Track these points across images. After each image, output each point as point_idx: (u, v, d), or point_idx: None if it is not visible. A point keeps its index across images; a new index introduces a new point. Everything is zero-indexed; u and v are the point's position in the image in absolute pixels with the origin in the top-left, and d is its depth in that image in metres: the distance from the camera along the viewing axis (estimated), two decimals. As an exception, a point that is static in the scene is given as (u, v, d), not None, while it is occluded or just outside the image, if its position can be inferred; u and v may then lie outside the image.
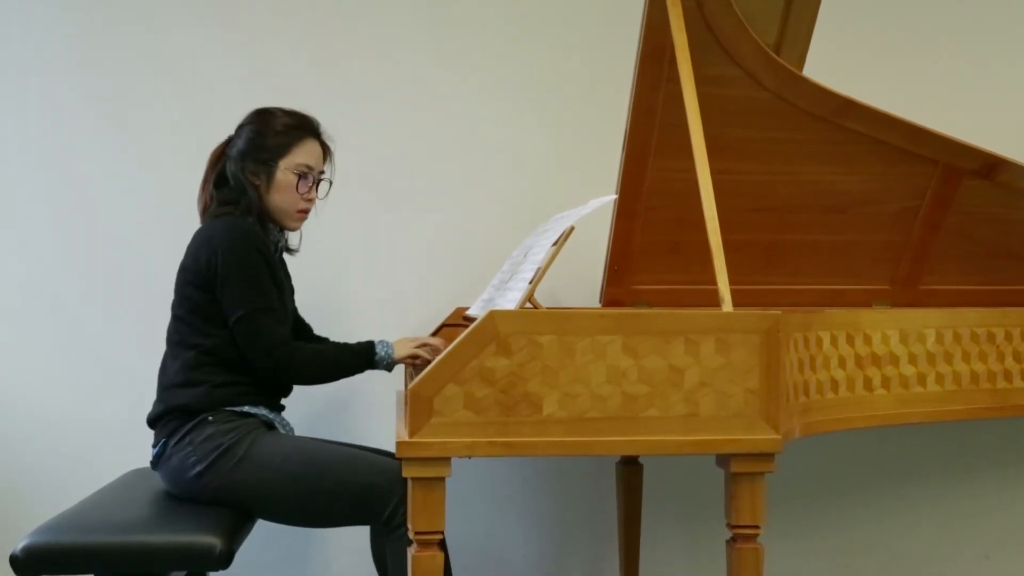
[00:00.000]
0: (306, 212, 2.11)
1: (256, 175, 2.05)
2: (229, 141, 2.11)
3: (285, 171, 2.06)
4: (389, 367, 2.08)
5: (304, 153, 2.07)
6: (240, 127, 2.11)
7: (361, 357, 2.05)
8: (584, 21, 2.77)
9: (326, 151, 2.13)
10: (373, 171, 2.72)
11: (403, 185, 2.74)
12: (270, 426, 2.02)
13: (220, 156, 2.10)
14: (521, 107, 2.76)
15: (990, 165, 2.33)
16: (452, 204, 2.75)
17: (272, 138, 2.05)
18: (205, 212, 2.09)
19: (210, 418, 1.95)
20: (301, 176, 2.06)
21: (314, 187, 2.10)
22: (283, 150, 2.06)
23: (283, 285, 2.07)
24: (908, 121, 2.26)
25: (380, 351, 2.06)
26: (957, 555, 2.88)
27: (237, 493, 1.91)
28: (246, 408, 1.99)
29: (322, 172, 2.13)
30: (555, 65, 2.76)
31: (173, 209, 2.42)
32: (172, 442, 1.96)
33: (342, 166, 2.21)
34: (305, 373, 2.01)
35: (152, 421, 2.02)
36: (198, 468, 1.91)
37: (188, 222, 2.10)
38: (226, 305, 1.96)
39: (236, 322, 1.95)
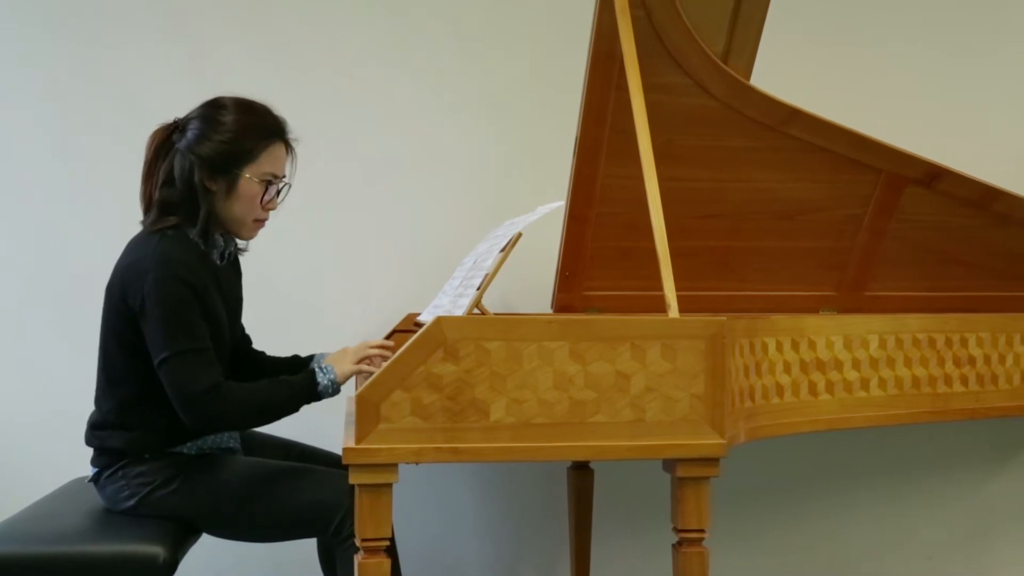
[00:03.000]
0: (263, 222, 1.93)
1: (214, 180, 1.83)
2: (175, 128, 1.87)
3: (250, 180, 1.84)
4: (334, 394, 1.87)
5: (271, 160, 1.86)
6: (192, 119, 1.86)
7: (302, 392, 1.83)
8: (536, 28, 2.78)
9: (290, 152, 1.92)
10: (325, 178, 2.70)
11: (355, 192, 2.73)
12: (210, 456, 1.92)
13: (164, 144, 1.87)
14: (473, 112, 2.76)
15: (931, 174, 2.39)
16: (405, 210, 2.74)
17: (236, 143, 1.82)
18: (148, 210, 1.88)
19: (147, 455, 1.86)
20: (267, 185, 1.87)
21: (276, 196, 1.91)
22: (249, 157, 1.83)
23: (219, 315, 1.87)
24: (852, 130, 2.30)
25: (322, 379, 1.84)
26: (900, 556, 2.93)
27: (176, 517, 1.86)
28: (185, 448, 1.90)
29: (284, 177, 1.92)
30: (507, 71, 2.77)
31: (118, 215, 2.37)
32: (106, 474, 1.89)
33: (297, 174, 2.16)
34: (238, 419, 1.83)
35: (87, 444, 1.93)
36: (130, 503, 1.86)
37: (130, 226, 1.99)
38: (150, 346, 1.77)
39: (159, 366, 1.76)
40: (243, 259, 2.15)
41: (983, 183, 2.38)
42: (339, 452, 2.12)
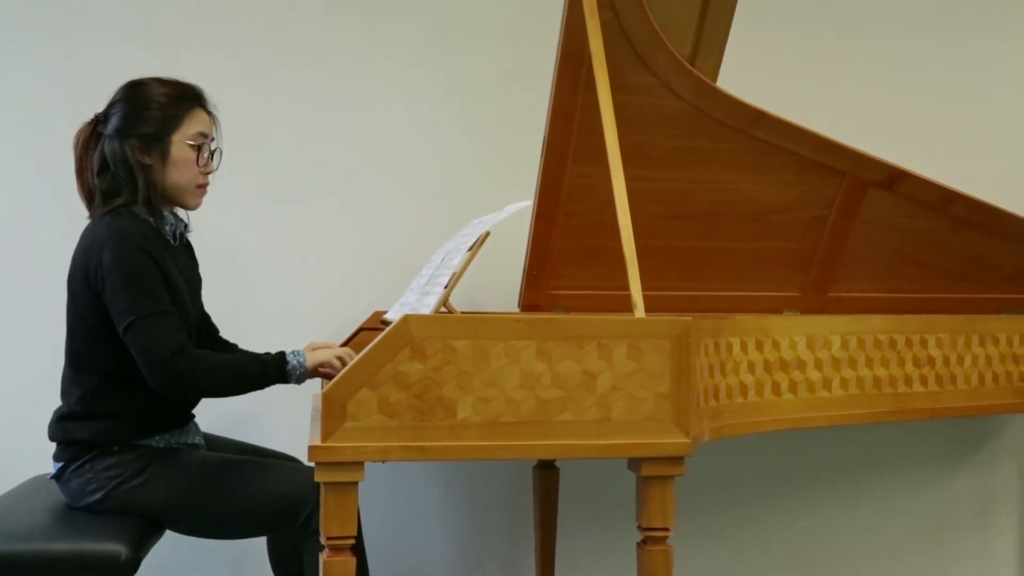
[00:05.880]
0: (205, 187, 1.97)
1: (147, 154, 1.89)
2: (98, 121, 1.93)
3: (181, 144, 1.91)
4: (301, 379, 1.92)
5: (196, 123, 1.93)
6: (113, 104, 1.93)
7: (271, 368, 1.89)
8: (505, 26, 2.78)
9: (213, 119, 1.99)
10: (293, 174, 2.69)
11: (323, 189, 2.72)
12: (178, 450, 1.93)
13: (91, 138, 1.92)
14: (441, 111, 2.76)
15: (893, 177, 2.42)
16: (372, 208, 2.73)
17: (158, 111, 1.89)
18: (91, 203, 1.93)
19: (114, 448, 1.86)
20: (199, 147, 1.93)
21: (210, 158, 1.97)
22: (175, 122, 1.90)
23: (179, 285, 1.90)
24: (817, 133, 2.33)
25: (292, 360, 1.91)
26: (862, 553, 2.97)
27: (142, 512, 1.85)
28: (153, 440, 1.89)
29: (213, 140, 1.98)
30: (475, 69, 2.77)
31: (74, 209, 2.35)
32: (71, 467, 1.87)
33: (263, 170, 2.15)
34: (206, 384, 1.84)
35: (52, 439, 1.92)
36: (97, 496, 1.85)
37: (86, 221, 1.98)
38: (114, 316, 1.80)
39: (125, 332, 1.79)
40: (208, 259, 2.15)
41: (942, 186, 2.42)
42: (292, 453, 2.15)
